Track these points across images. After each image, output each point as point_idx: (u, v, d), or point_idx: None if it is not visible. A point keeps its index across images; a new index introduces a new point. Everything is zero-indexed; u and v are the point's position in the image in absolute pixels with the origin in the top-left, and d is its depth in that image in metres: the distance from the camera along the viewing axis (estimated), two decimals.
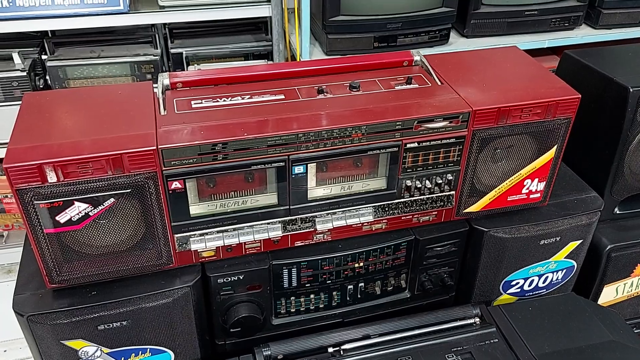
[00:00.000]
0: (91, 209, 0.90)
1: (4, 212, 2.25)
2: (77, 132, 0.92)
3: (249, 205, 1.02)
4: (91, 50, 2.14)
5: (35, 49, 2.11)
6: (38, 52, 2.11)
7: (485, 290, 1.22)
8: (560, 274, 1.26)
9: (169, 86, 1.05)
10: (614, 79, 1.18)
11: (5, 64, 2.02)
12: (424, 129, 1.02)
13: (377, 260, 1.14)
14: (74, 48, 2.15)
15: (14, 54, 2.02)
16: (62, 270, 0.96)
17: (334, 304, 1.17)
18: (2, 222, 2.30)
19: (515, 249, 1.17)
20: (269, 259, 1.08)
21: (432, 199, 1.11)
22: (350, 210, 1.08)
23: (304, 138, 0.96)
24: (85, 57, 2.09)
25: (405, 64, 1.16)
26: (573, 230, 1.19)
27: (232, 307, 1.08)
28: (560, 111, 1.06)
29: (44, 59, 2.08)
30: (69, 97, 1.03)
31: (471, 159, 1.08)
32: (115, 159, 0.87)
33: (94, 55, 2.11)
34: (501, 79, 1.12)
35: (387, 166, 1.05)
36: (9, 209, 2.25)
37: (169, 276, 1.03)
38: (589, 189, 1.25)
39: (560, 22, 2.30)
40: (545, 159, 1.11)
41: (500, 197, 1.14)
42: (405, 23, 2.08)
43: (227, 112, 0.99)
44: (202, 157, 0.93)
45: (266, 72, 1.10)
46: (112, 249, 0.97)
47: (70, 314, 0.96)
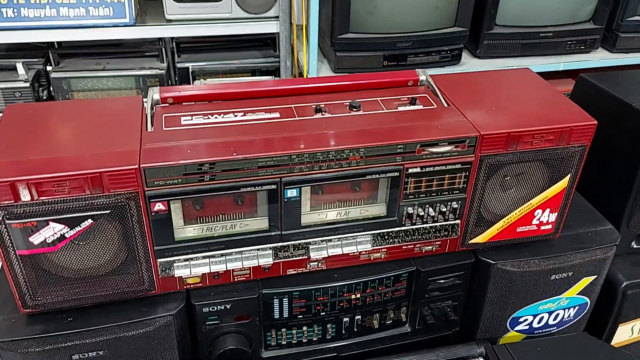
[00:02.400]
0: (67, 230, 0.85)
1: None
2: (56, 147, 0.87)
3: (238, 230, 0.96)
4: (96, 62, 2.11)
5: (40, 60, 2.09)
6: (43, 63, 2.08)
7: (492, 326, 1.15)
8: (572, 311, 1.18)
9: (159, 101, 0.99)
10: (632, 105, 1.11)
11: (9, 74, 1.99)
12: (427, 153, 0.95)
13: (375, 292, 1.07)
14: (79, 60, 2.12)
15: (17, 65, 1.99)
16: (36, 295, 0.90)
17: (329, 338, 1.10)
18: None
19: (524, 283, 1.09)
20: (258, 287, 1.01)
21: (435, 228, 1.04)
22: (347, 238, 1.01)
23: (298, 160, 0.90)
24: (90, 69, 2.06)
25: (410, 83, 1.09)
26: (587, 265, 1.11)
27: (219, 338, 1.02)
28: (575, 138, 0.99)
29: (49, 70, 2.05)
30: (53, 110, 0.98)
31: (478, 187, 1.01)
32: (93, 177, 0.82)
33: (99, 67, 2.08)
34: (512, 102, 1.05)
35: (388, 192, 0.98)
36: None
37: (151, 303, 0.96)
38: (604, 221, 1.17)
39: (576, 44, 2.24)
40: (557, 188, 1.04)
41: (509, 227, 1.07)
42: (415, 42, 2.03)
43: (217, 130, 0.93)
44: (188, 178, 0.87)
45: (262, 88, 1.04)
46: (91, 272, 0.91)
47: (43, 341, 0.90)
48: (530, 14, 2.10)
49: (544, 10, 2.10)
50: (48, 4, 1.90)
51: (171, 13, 1.93)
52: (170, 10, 1.92)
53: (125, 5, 1.91)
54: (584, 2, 2.14)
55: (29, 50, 2.14)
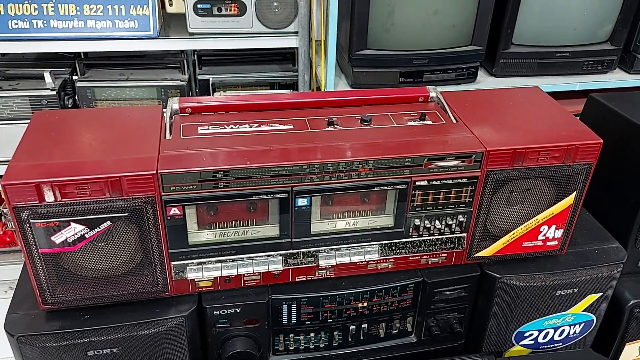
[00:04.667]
0: (87, 230, 0.89)
1: None
2: (79, 152, 0.91)
3: (250, 236, 0.99)
4: (120, 73, 2.18)
5: (66, 70, 2.16)
6: (69, 73, 2.15)
7: (497, 339, 1.16)
8: (578, 327, 1.19)
9: (178, 111, 1.04)
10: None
11: (36, 83, 2.07)
12: (434, 167, 0.98)
13: (382, 301, 1.09)
14: (104, 70, 2.19)
15: (45, 73, 2.07)
16: (55, 292, 0.95)
17: (335, 345, 1.12)
18: None
19: (530, 298, 1.11)
20: (268, 292, 1.04)
21: (442, 240, 1.07)
22: (355, 247, 1.04)
23: (309, 170, 0.93)
24: (114, 79, 2.12)
25: (421, 99, 1.13)
26: (593, 282, 1.12)
27: (228, 341, 1.05)
28: (581, 156, 1.01)
29: (75, 80, 2.12)
30: (77, 117, 1.03)
31: (484, 201, 1.03)
32: (113, 181, 0.86)
33: (123, 77, 2.14)
34: (519, 119, 1.07)
35: (395, 203, 1.01)
36: None
37: (164, 304, 1.00)
38: (611, 239, 1.18)
39: (593, 65, 2.24)
40: (563, 205, 1.06)
41: (515, 242, 1.09)
42: (432, 60, 2.05)
43: (232, 139, 0.97)
44: (203, 184, 0.91)
45: (277, 101, 1.08)
46: (107, 273, 0.95)
47: (60, 337, 0.94)
48: (547, 33, 2.12)
49: (561, 30, 2.12)
50: (76, 16, 1.97)
51: (194, 27, 1.99)
52: (193, 24, 1.98)
53: (150, 19, 1.97)
54: (602, 23, 2.15)
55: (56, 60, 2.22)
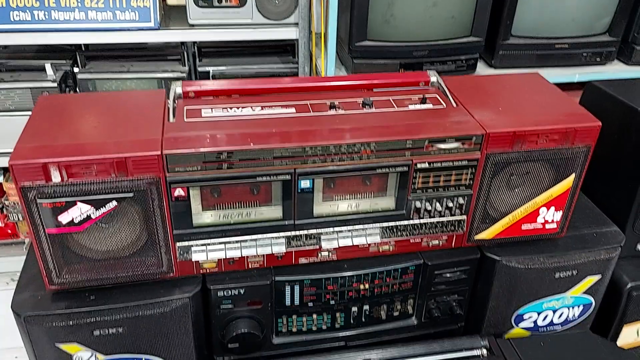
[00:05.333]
0: (93, 211, 0.90)
1: None
2: (84, 134, 0.93)
3: (253, 218, 1.00)
4: (121, 64, 2.18)
5: (67, 62, 2.17)
6: (70, 65, 2.16)
7: (496, 322, 1.17)
8: (577, 310, 1.20)
9: (181, 95, 1.05)
10: (638, 109, 1.14)
11: (37, 75, 2.07)
12: (435, 150, 0.99)
13: (383, 283, 1.10)
14: (105, 62, 2.20)
15: (46, 65, 2.07)
16: (61, 273, 0.96)
17: (337, 326, 1.14)
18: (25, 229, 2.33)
19: (529, 280, 1.12)
20: (271, 274, 1.06)
21: (442, 223, 1.08)
22: (357, 230, 1.06)
23: (311, 152, 0.95)
24: (115, 71, 2.13)
25: (422, 84, 1.14)
26: (591, 265, 1.14)
27: (232, 322, 1.06)
28: (580, 139, 1.03)
29: (76, 72, 2.13)
30: (81, 101, 1.04)
31: (484, 183, 1.04)
32: (119, 162, 0.87)
33: (124, 69, 2.15)
34: (519, 103, 1.09)
35: (397, 186, 1.03)
36: None
37: (169, 285, 1.01)
38: (610, 223, 1.20)
39: (591, 56, 2.25)
40: (562, 187, 1.07)
41: (514, 225, 1.10)
42: (432, 51, 2.06)
43: (235, 122, 0.98)
44: (207, 166, 0.92)
45: (279, 85, 1.09)
46: (113, 254, 0.97)
47: (66, 317, 0.95)
48: (546, 25, 2.13)
49: (560, 21, 2.13)
50: (77, 7, 1.98)
51: (194, 18, 2.00)
52: (193, 15, 1.99)
53: (151, 10, 1.98)
54: (600, 15, 2.16)
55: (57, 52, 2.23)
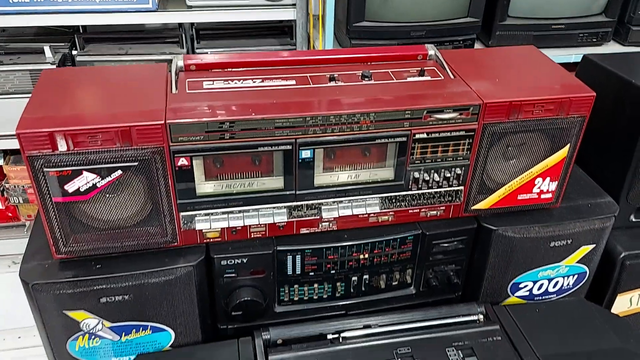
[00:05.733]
0: (99, 180, 0.92)
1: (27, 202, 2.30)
2: (89, 105, 0.95)
3: (255, 188, 1.03)
4: (119, 47, 2.19)
5: (66, 44, 2.17)
6: (69, 47, 2.17)
7: (493, 291, 1.20)
8: (572, 279, 1.23)
9: (183, 68, 1.07)
10: (632, 81, 1.16)
11: (37, 57, 2.08)
12: (433, 120, 1.01)
13: (382, 253, 1.13)
14: (103, 44, 2.21)
15: (45, 48, 2.08)
16: (68, 242, 0.98)
17: (338, 295, 1.16)
18: (25, 212, 2.35)
19: (525, 249, 1.15)
20: (273, 244, 1.08)
21: (440, 193, 1.10)
22: (357, 200, 1.08)
23: (312, 122, 0.96)
24: (113, 54, 2.14)
25: (420, 57, 1.16)
26: (585, 234, 1.16)
27: (235, 291, 1.08)
28: (574, 109, 1.05)
29: (74, 54, 2.13)
30: (85, 74, 1.06)
31: (481, 154, 1.07)
32: (124, 131, 0.89)
33: (122, 52, 2.16)
34: (515, 75, 1.11)
35: (395, 156, 1.05)
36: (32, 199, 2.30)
37: (173, 255, 1.04)
38: (604, 194, 1.22)
39: (588, 37, 2.27)
40: (557, 157, 1.09)
41: (510, 195, 1.12)
42: (429, 31, 2.07)
43: (237, 93, 1.00)
44: (210, 135, 0.94)
45: (279, 58, 1.11)
46: (118, 223, 0.99)
47: (73, 284, 0.97)
48: (543, 6, 2.14)
49: (557, 2, 2.14)
50: None
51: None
52: None
53: None
54: None
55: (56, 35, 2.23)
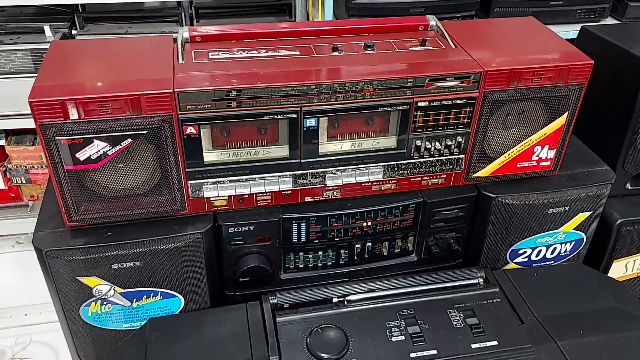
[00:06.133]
0: (109, 148, 0.94)
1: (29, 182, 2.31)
2: (99, 75, 0.96)
3: (261, 157, 1.05)
4: (119, 26, 2.20)
5: (65, 24, 2.18)
6: (69, 27, 2.17)
7: (493, 257, 1.23)
8: (569, 245, 1.26)
9: (189, 39, 1.08)
10: (630, 51, 1.19)
11: (37, 37, 2.09)
12: (435, 88, 1.03)
13: (385, 221, 1.16)
14: (103, 24, 2.21)
15: (45, 27, 2.09)
16: (80, 210, 1.01)
17: (342, 262, 1.19)
18: (28, 192, 2.37)
19: (523, 216, 1.18)
20: (279, 212, 1.11)
21: (441, 162, 1.13)
22: (360, 168, 1.10)
23: (316, 90, 0.99)
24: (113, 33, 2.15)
25: (421, 28, 1.18)
26: (582, 201, 1.19)
27: (242, 258, 1.11)
28: (572, 77, 1.07)
29: (74, 34, 2.14)
30: (92, 45, 1.08)
31: (482, 122, 1.09)
32: (133, 99, 0.91)
33: (122, 31, 2.17)
34: (515, 44, 1.13)
35: (398, 125, 1.07)
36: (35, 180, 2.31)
37: (182, 222, 1.06)
38: (601, 163, 1.25)
39: (586, 13, 2.28)
40: (556, 125, 1.12)
41: (510, 163, 1.15)
42: (428, 8, 2.09)
43: (242, 63, 1.02)
44: (217, 104, 0.96)
45: (283, 29, 1.13)
46: (128, 192, 1.01)
47: (86, 251, 1.00)
48: None
49: None
50: None
51: None
52: None
53: None
54: None
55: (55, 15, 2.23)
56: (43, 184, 2.29)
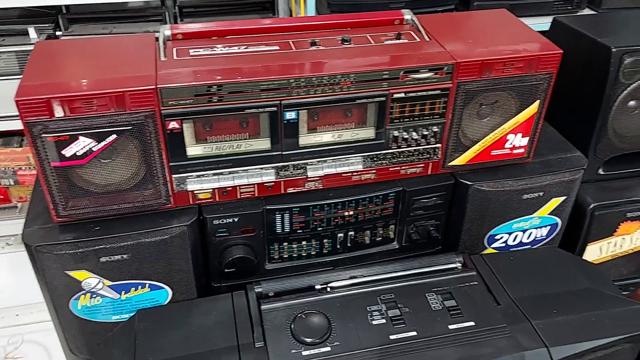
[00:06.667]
0: (95, 144, 0.97)
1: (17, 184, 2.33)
2: (83, 73, 0.99)
3: (243, 150, 1.08)
4: (103, 27, 2.21)
5: (50, 25, 2.19)
6: (53, 28, 2.18)
7: (471, 243, 1.27)
8: (545, 230, 1.31)
9: (170, 37, 1.11)
10: (597, 40, 1.23)
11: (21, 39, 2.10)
12: (410, 80, 1.07)
13: (366, 210, 1.19)
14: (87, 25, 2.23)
15: (29, 29, 2.10)
16: (67, 206, 1.03)
17: (325, 252, 1.23)
18: (17, 193, 2.38)
19: (499, 202, 1.22)
20: (262, 203, 1.14)
21: (418, 151, 1.17)
22: (340, 159, 1.14)
23: (295, 84, 1.02)
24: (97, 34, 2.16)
25: (397, 22, 1.21)
26: (556, 186, 1.23)
27: (227, 249, 1.15)
28: (542, 66, 1.11)
29: (58, 35, 2.15)
30: (76, 44, 1.10)
31: (456, 112, 1.13)
32: (118, 96, 0.94)
33: (106, 31, 2.19)
34: (487, 36, 1.17)
35: (376, 116, 1.11)
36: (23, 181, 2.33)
37: (167, 216, 1.09)
38: (573, 149, 1.29)
39: (562, 5, 2.32)
40: (528, 114, 1.16)
41: (485, 151, 1.19)
42: (408, 3, 2.12)
43: (223, 59, 1.05)
44: (198, 99, 0.99)
45: (262, 26, 1.16)
46: (114, 187, 1.04)
47: (74, 245, 1.03)
48: None
49: None
50: None
51: None
52: None
53: None
54: None
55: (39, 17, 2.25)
56: (31, 185, 2.30)
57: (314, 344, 0.97)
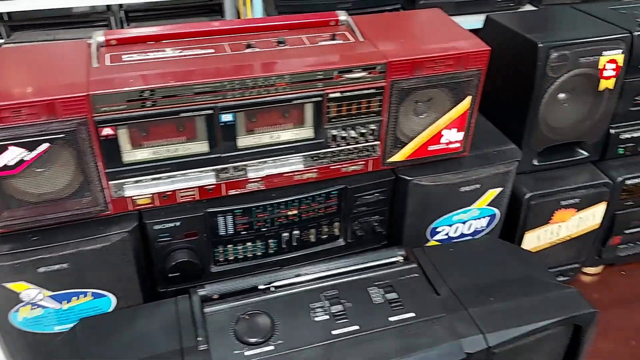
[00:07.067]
0: (26, 153, 0.96)
1: None
2: (13, 81, 0.98)
3: (181, 153, 1.08)
4: (47, 33, 2.17)
5: None
6: None
7: (414, 237, 1.31)
8: (484, 221, 1.35)
9: (104, 43, 1.10)
10: (526, 36, 1.28)
11: None
12: (344, 79, 1.09)
13: (309, 209, 1.21)
14: (30, 32, 2.18)
15: None
16: (2, 217, 1.02)
17: (271, 252, 1.24)
18: None
19: (438, 196, 1.25)
20: (204, 207, 1.14)
21: (358, 149, 1.19)
22: (280, 159, 1.15)
23: (230, 86, 1.03)
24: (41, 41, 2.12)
25: (332, 23, 1.23)
26: (492, 178, 1.28)
27: (170, 254, 1.14)
28: (471, 63, 1.15)
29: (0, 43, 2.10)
30: (7, 53, 1.09)
31: (392, 110, 1.16)
32: (48, 104, 0.93)
33: (49, 38, 2.14)
34: (419, 35, 1.20)
35: (313, 116, 1.12)
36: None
37: (107, 223, 1.08)
38: (508, 142, 1.34)
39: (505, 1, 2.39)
40: (461, 109, 1.20)
41: (422, 147, 1.22)
42: (355, 3, 2.14)
43: (156, 63, 1.05)
44: (131, 104, 0.99)
45: (197, 29, 1.16)
46: (51, 196, 1.03)
47: (11, 257, 1.01)
48: None
49: None
50: None
51: None
52: None
53: None
54: None
55: None
56: None
57: (257, 344, 0.98)
